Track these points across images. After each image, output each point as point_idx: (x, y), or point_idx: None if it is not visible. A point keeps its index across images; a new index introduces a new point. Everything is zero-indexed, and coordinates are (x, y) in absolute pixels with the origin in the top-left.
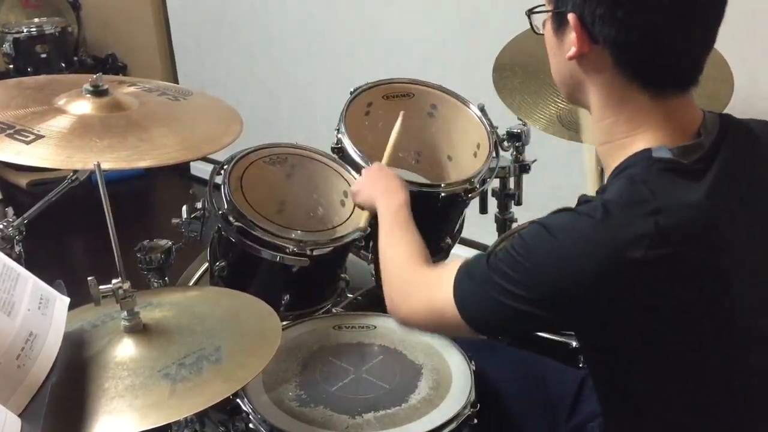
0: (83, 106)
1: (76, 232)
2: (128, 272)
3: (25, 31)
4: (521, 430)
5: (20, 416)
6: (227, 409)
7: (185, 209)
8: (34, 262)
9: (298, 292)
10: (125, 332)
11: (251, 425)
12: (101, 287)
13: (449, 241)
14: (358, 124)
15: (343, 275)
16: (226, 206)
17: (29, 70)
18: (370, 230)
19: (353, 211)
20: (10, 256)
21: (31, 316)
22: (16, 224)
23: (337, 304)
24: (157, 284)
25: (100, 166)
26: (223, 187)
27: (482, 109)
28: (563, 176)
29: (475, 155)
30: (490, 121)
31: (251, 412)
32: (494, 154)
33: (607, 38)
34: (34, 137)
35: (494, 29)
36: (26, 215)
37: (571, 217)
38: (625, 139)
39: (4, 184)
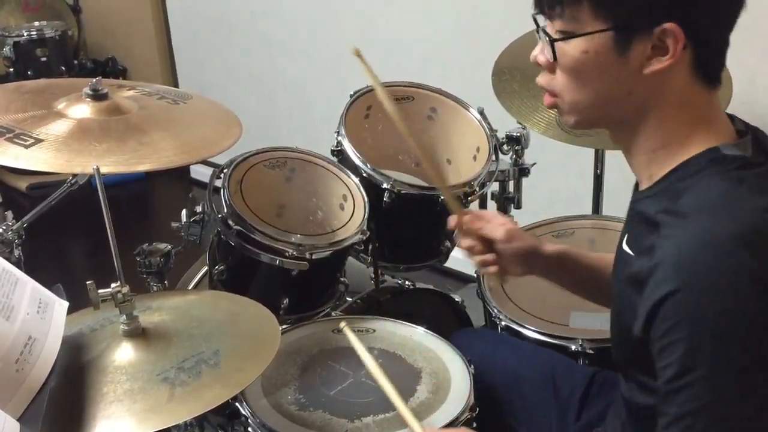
0: (83, 109)
1: (75, 235)
2: (127, 276)
3: (25, 34)
4: (529, 425)
5: (19, 420)
6: (226, 412)
7: (185, 213)
8: (33, 265)
9: (297, 295)
10: (124, 336)
11: (250, 429)
12: (100, 291)
13: (448, 244)
14: (357, 127)
15: (342, 279)
16: (225, 210)
17: (29, 73)
18: (369, 234)
19: (352, 214)
20: (9, 259)
21: (30, 320)
22: (15, 228)
23: (336, 307)
24: (156, 288)
25: (99, 170)
26: (222, 190)
27: (482, 112)
28: (562, 179)
29: (474, 158)
30: (489, 124)
31: (250, 416)
32: (494, 157)
33: (701, 40)
34: (33, 141)
35: (494, 32)
36: (25, 219)
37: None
38: (683, 140)
39: (3, 187)
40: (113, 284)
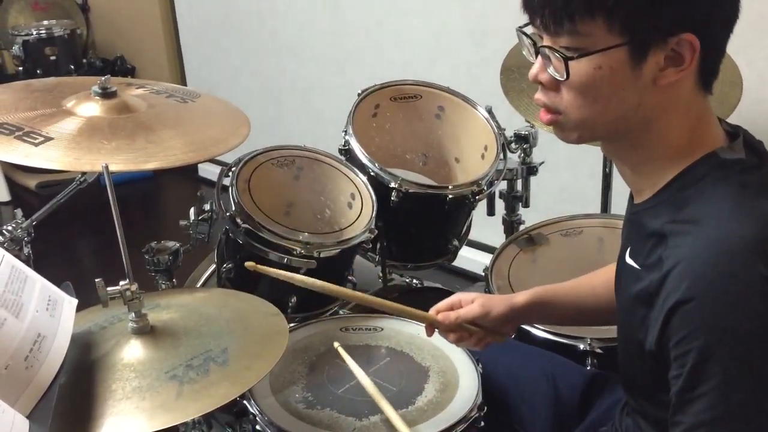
0: (91, 108)
1: (84, 233)
2: (136, 274)
3: (34, 33)
4: (532, 428)
5: (28, 417)
6: (234, 410)
7: (193, 211)
8: (42, 263)
9: (304, 294)
10: (132, 334)
11: (258, 427)
12: (109, 289)
13: (456, 243)
14: (365, 125)
15: (350, 277)
16: (233, 208)
17: (38, 72)
18: (377, 232)
19: (360, 213)
20: (18, 257)
21: (39, 317)
22: (24, 226)
23: (343, 306)
24: (164, 286)
25: (108, 167)
26: (230, 188)
27: (490, 110)
28: (570, 178)
29: (482, 157)
30: (497, 122)
31: (258, 413)
32: (502, 156)
33: (713, 47)
34: (42, 139)
35: (502, 31)
36: (35, 217)
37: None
38: (684, 148)
39: (13, 185)
40: (122, 282)
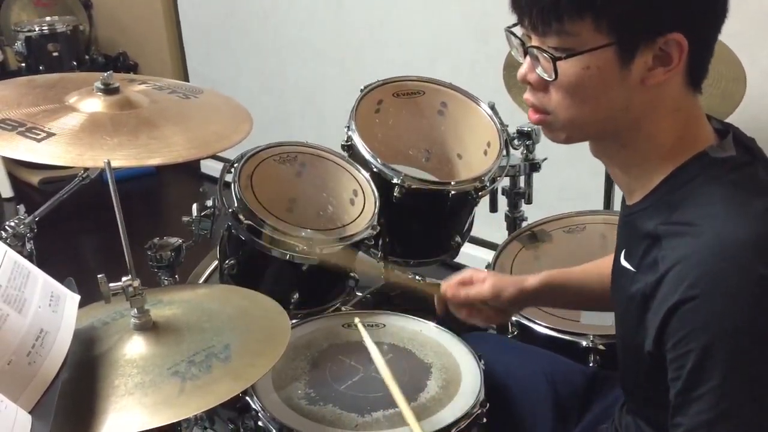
0: (94, 104)
1: (86, 229)
2: (138, 270)
3: (36, 29)
4: (532, 428)
5: (31, 413)
6: (236, 406)
7: (195, 207)
8: (45, 259)
9: (307, 290)
10: (135, 330)
11: (260, 423)
12: (111, 285)
13: (459, 239)
14: (368, 121)
15: (352, 273)
16: (236, 204)
17: (41, 68)
18: (380, 229)
19: (363, 209)
20: (21, 253)
21: (41, 313)
22: (27, 222)
23: (346, 302)
24: (167, 282)
25: (110, 163)
26: (233, 185)
27: (493, 107)
28: (573, 175)
29: (485, 153)
30: (500, 119)
31: (260, 410)
32: (504, 152)
33: (702, 46)
34: (45, 135)
35: (502, 28)
36: (37, 213)
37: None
38: (674, 147)
39: (16, 182)
40: (124, 278)
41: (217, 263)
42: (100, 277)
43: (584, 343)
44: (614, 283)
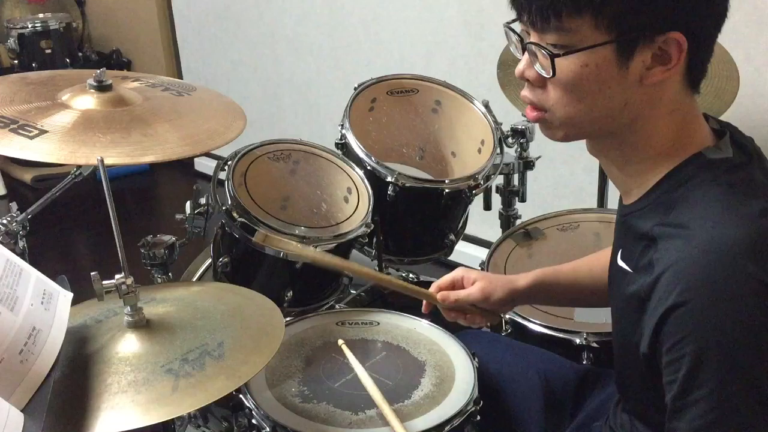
0: (87, 101)
1: (79, 227)
2: (132, 268)
3: (29, 26)
4: (524, 425)
5: (23, 411)
6: (230, 404)
7: (189, 205)
8: (37, 257)
9: (301, 288)
10: (128, 327)
11: (254, 421)
12: (104, 282)
13: (453, 237)
14: (362, 119)
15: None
16: (229, 202)
17: (34, 65)
18: (373, 226)
19: (357, 207)
20: (13, 251)
21: (34, 311)
22: (19, 219)
23: (340, 300)
24: (160, 280)
25: (103, 161)
26: (226, 182)
27: (486, 105)
28: (567, 173)
29: (479, 151)
30: (494, 117)
31: (254, 407)
32: (498, 150)
33: (702, 46)
34: (37, 132)
35: (499, 25)
36: (30, 210)
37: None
38: (671, 148)
39: (8, 179)
40: (117, 276)
41: (210, 261)
42: (93, 274)
43: (578, 340)
44: (611, 282)
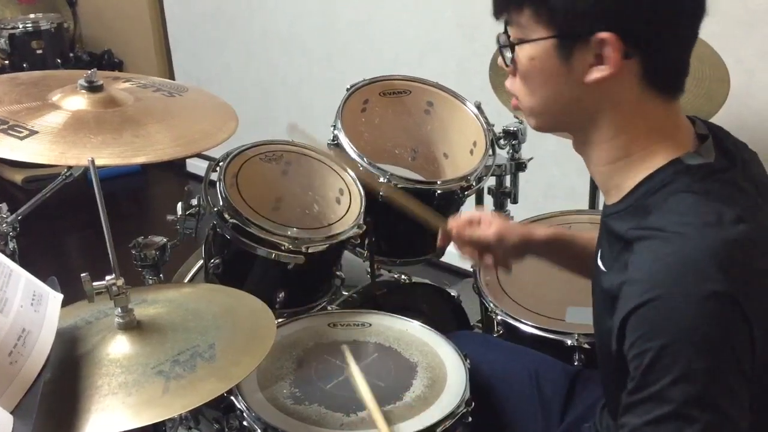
0: (78, 101)
1: (70, 228)
2: (123, 269)
3: (20, 27)
4: (515, 426)
5: (12, 413)
6: (221, 406)
7: (180, 206)
8: (27, 258)
9: (293, 289)
10: (119, 329)
11: (245, 423)
12: (95, 284)
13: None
14: (354, 120)
15: (338, 273)
16: (221, 203)
17: (24, 66)
18: (366, 228)
19: (349, 208)
20: (3, 252)
21: (23, 312)
22: (9, 221)
23: (332, 301)
24: (151, 281)
25: (94, 162)
26: (218, 183)
27: (479, 106)
28: (559, 174)
29: (471, 153)
30: (486, 118)
31: (245, 409)
32: (490, 151)
33: (647, 50)
34: (27, 133)
35: (490, 27)
36: (20, 211)
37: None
38: (642, 152)
39: None
40: (108, 277)
41: (202, 262)
42: (83, 276)
43: (569, 341)
44: (592, 281)
